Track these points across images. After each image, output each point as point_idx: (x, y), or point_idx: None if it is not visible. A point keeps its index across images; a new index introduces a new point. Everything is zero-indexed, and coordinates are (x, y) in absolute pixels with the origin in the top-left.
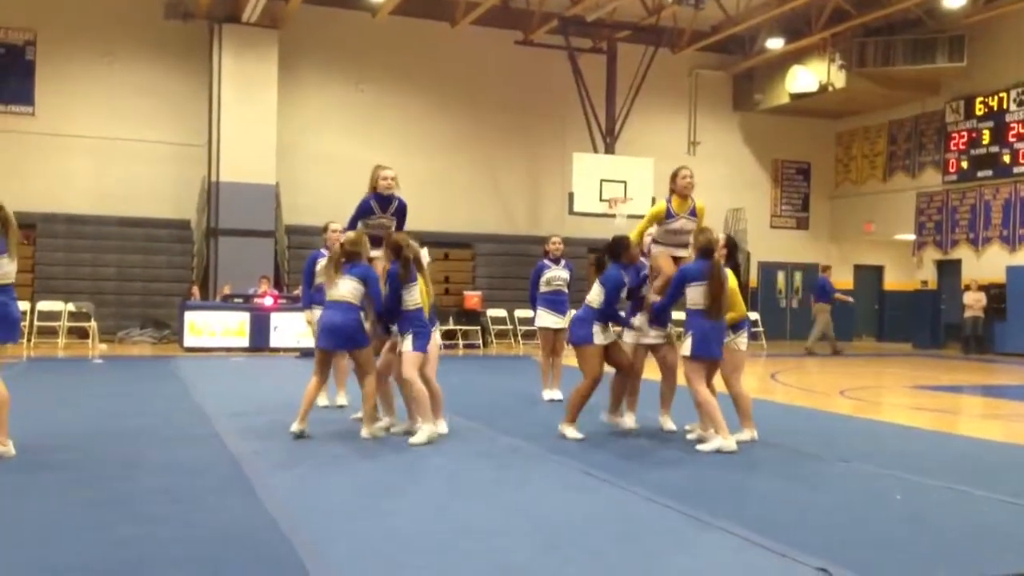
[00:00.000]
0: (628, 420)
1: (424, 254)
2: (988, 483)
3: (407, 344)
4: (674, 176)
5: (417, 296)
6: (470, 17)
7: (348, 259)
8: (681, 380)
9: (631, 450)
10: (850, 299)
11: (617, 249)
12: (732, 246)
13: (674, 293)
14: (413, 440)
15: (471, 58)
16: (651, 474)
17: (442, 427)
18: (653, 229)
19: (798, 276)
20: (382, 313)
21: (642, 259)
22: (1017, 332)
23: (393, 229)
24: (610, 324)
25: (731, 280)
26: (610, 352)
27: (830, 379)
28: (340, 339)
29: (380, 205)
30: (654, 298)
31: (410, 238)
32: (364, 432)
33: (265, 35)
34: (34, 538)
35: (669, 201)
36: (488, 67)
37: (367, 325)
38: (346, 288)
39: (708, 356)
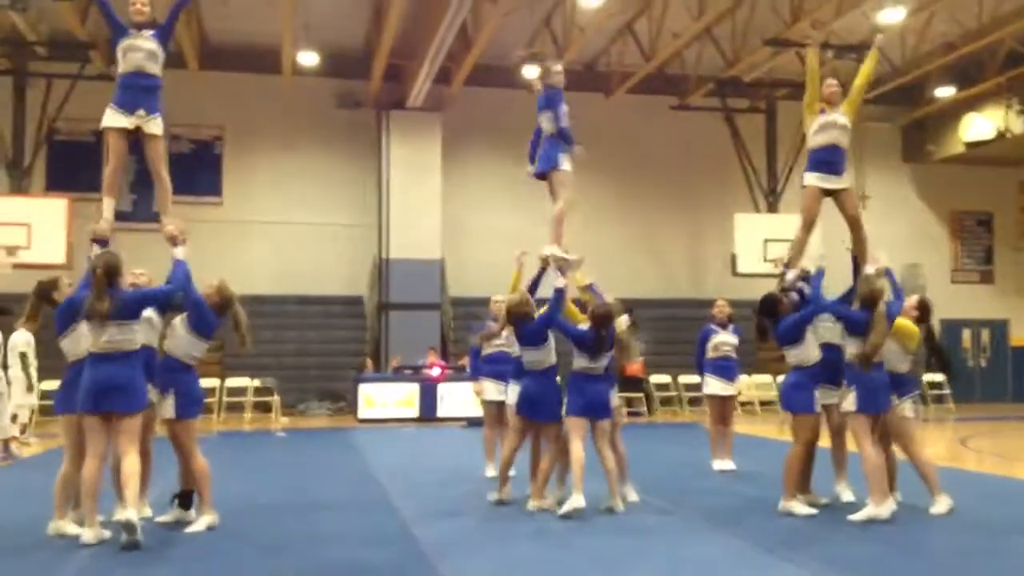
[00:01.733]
0: (846, 493)
1: (624, 320)
2: None
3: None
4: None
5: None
6: (625, 86)
7: (519, 320)
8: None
9: (803, 524)
10: None
11: (772, 308)
12: (925, 309)
13: (809, 315)
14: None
15: (628, 126)
16: (831, 550)
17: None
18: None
19: (985, 333)
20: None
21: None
22: None
23: None
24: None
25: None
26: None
27: None
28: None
29: None
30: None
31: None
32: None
33: (429, 118)
34: None
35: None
36: (646, 133)
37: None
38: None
39: (875, 411)
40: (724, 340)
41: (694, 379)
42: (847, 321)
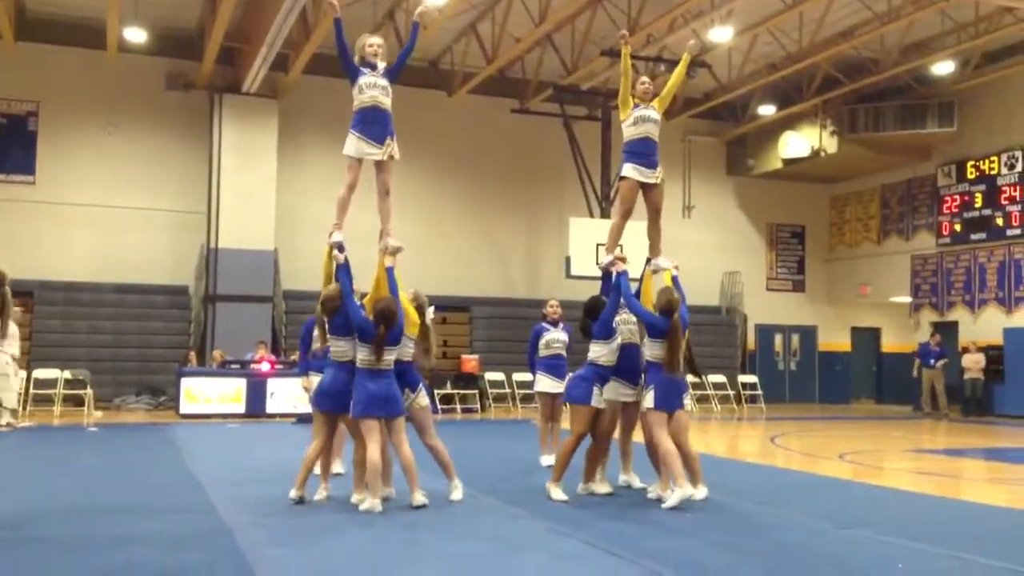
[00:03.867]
0: (603, 486)
1: (430, 312)
2: (994, 551)
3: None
4: (633, 84)
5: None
6: (467, 87)
7: (331, 315)
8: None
9: (625, 515)
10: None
11: (595, 310)
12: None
13: (617, 300)
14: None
15: (469, 125)
16: (650, 543)
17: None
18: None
19: (795, 338)
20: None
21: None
22: (1016, 394)
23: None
24: (604, 388)
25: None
26: (597, 417)
27: (830, 443)
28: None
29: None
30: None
31: (418, 295)
32: (355, 499)
33: (265, 105)
34: None
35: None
36: (486, 134)
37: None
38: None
39: (670, 408)
40: (555, 338)
41: (527, 377)
42: (650, 325)
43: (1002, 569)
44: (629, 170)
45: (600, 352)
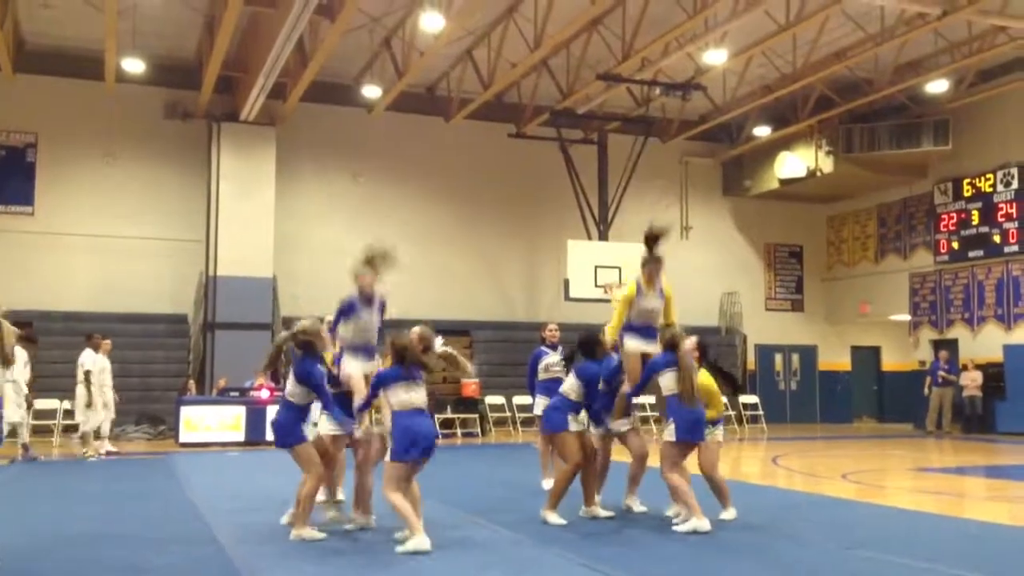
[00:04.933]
0: (602, 510)
1: (438, 343)
2: (996, 569)
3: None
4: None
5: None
6: (464, 112)
7: (303, 350)
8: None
9: (624, 539)
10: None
11: (591, 347)
12: (703, 348)
13: (642, 383)
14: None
15: (466, 150)
16: (653, 567)
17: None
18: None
19: (795, 358)
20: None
21: (612, 354)
22: (1017, 411)
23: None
24: (581, 413)
25: (706, 378)
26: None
27: (832, 462)
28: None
29: (365, 303)
30: (626, 388)
31: (426, 328)
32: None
33: (263, 132)
34: None
35: (639, 282)
36: (483, 159)
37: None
38: (290, 386)
39: (694, 439)
40: (554, 361)
41: (527, 400)
42: (653, 365)
43: None
44: (632, 346)
45: (573, 388)
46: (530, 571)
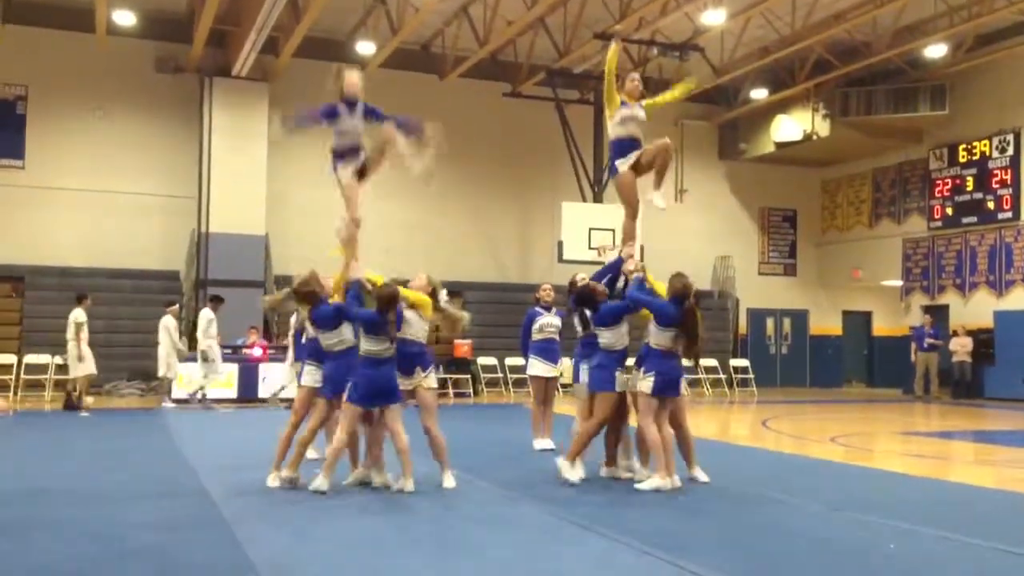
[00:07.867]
0: (624, 471)
1: (443, 296)
2: (982, 531)
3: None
4: (622, 81)
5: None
6: (459, 70)
7: (310, 303)
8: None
9: (616, 497)
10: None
11: (588, 297)
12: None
13: (627, 308)
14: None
15: (460, 109)
16: (642, 524)
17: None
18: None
19: (787, 322)
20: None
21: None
22: (1005, 377)
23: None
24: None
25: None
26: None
27: (821, 425)
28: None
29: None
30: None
31: (431, 280)
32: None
33: (256, 88)
34: None
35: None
36: (478, 118)
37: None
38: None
39: (669, 395)
40: (549, 322)
41: (519, 361)
42: (659, 313)
43: (988, 548)
44: (620, 165)
45: (613, 339)
46: (518, 528)
